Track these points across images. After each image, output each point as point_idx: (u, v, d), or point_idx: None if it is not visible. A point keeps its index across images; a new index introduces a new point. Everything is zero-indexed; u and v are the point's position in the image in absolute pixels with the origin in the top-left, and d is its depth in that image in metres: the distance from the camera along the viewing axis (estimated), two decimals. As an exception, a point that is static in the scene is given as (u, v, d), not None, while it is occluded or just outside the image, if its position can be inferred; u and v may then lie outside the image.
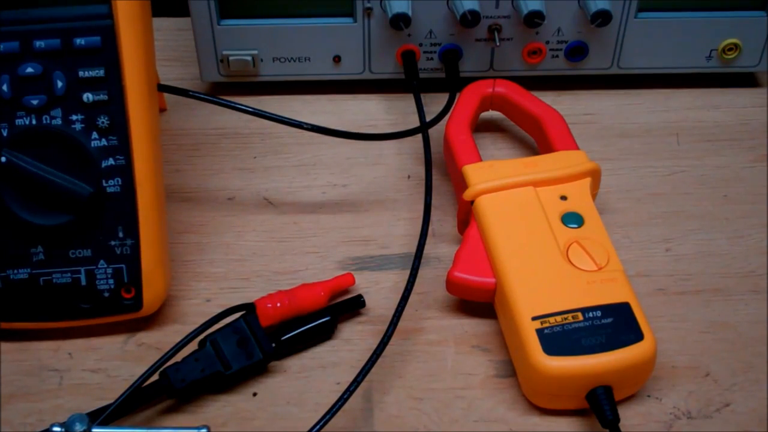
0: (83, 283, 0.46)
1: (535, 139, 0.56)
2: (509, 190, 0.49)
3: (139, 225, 0.45)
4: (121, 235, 0.45)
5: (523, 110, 0.55)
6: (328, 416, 0.41)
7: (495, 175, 0.49)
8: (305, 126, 0.51)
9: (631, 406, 0.44)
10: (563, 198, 0.48)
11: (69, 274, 0.45)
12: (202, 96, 0.52)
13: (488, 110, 0.57)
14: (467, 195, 0.49)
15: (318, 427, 0.41)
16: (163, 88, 0.51)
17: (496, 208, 0.48)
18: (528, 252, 0.46)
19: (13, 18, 0.44)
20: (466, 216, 0.50)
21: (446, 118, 0.55)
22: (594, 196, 0.50)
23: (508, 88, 0.56)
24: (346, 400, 0.42)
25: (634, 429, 0.43)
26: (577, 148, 0.52)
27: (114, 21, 0.44)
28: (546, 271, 0.45)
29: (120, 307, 0.46)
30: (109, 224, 0.45)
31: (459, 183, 0.51)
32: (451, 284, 0.47)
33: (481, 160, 0.51)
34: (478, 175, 0.49)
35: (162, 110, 0.61)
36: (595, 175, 0.50)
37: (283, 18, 0.59)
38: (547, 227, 0.47)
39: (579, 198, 0.49)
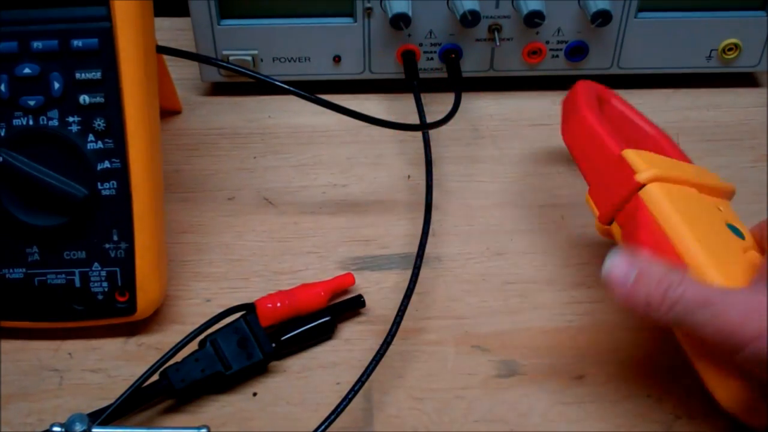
0: (77, 284, 0.46)
1: None
2: (678, 185, 0.45)
3: (134, 229, 0.45)
4: (115, 238, 0.45)
5: (638, 128, 0.52)
6: (332, 416, 0.41)
7: (662, 166, 0.46)
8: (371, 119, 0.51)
9: (631, 406, 0.44)
10: (719, 209, 0.46)
11: (63, 275, 0.45)
12: (219, 63, 0.54)
13: None
14: (643, 177, 0.44)
15: (323, 427, 0.41)
16: (162, 50, 0.50)
17: (672, 197, 0.44)
18: (716, 247, 0.42)
19: (11, 18, 0.44)
20: (625, 201, 0.45)
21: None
22: None
23: (623, 104, 0.53)
24: (350, 399, 0.42)
25: (634, 429, 0.43)
26: None
27: (112, 23, 0.44)
28: (738, 265, 0.41)
29: (114, 310, 0.46)
30: (104, 227, 0.45)
31: (606, 169, 0.47)
32: None
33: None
34: (645, 161, 0.45)
35: (176, 113, 0.61)
36: (732, 197, 0.48)
37: (283, 18, 0.59)
38: (724, 228, 0.44)
39: (730, 214, 0.46)
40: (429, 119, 0.56)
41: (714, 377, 0.40)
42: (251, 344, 0.45)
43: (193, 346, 0.44)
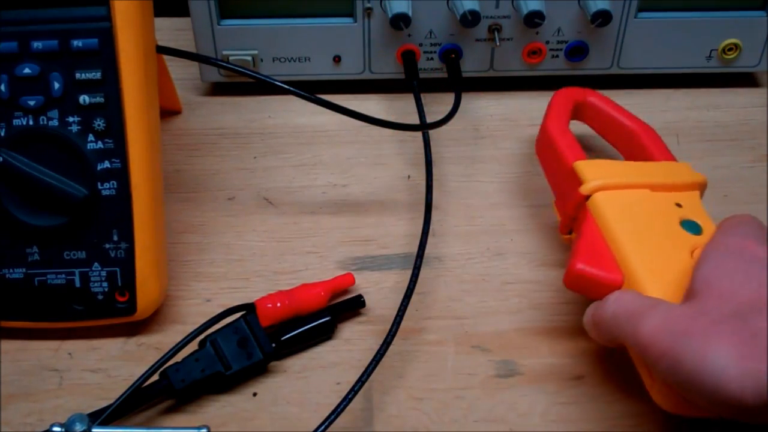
0: (77, 284, 0.46)
1: (624, 153, 0.54)
2: (627, 190, 0.46)
3: (134, 229, 0.45)
4: (115, 238, 0.45)
5: (617, 123, 0.53)
6: (332, 416, 0.41)
7: (610, 173, 0.47)
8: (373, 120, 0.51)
9: (630, 406, 0.44)
10: (678, 205, 0.46)
11: (63, 275, 0.45)
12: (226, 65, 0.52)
13: (573, 119, 0.55)
14: (586, 189, 0.46)
15: (323, 427, 0.41)
16: (162, 50, 0.50)
17: (617, 205, 0.45)
18: (656, 252, 0.43)
19: (11, 18, 0.44)
20: (576, 212, 0.47)
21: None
22: None
23: (601, 100, 0.54)
24: (350, 399, 0.42)
25: (633, 429, 0.43)
26: (675, 160, 0.51)
27: (112, 23, 0.44)
28: (677, 272, 0.42)
29: (114, 311, 0.46)
30: (104, 227, 0.45)
31: (562, 180, 0.49)
32: (573, 277, 0.43)
33: (586, 158, 0.49)
34: (593, 171, 0.47)
35: (176, 113, 0.61)
36: (703, 188, 0.49)
37: (283, 18, 0.59)
38: (671, 229, 0.45)
39: (693, 208, 0.47)
40: (429, 119, 0.56)
41: (649, 381, 0.41)
42: (251, 344, 0.45)
43: (193, 346, 0.44)
